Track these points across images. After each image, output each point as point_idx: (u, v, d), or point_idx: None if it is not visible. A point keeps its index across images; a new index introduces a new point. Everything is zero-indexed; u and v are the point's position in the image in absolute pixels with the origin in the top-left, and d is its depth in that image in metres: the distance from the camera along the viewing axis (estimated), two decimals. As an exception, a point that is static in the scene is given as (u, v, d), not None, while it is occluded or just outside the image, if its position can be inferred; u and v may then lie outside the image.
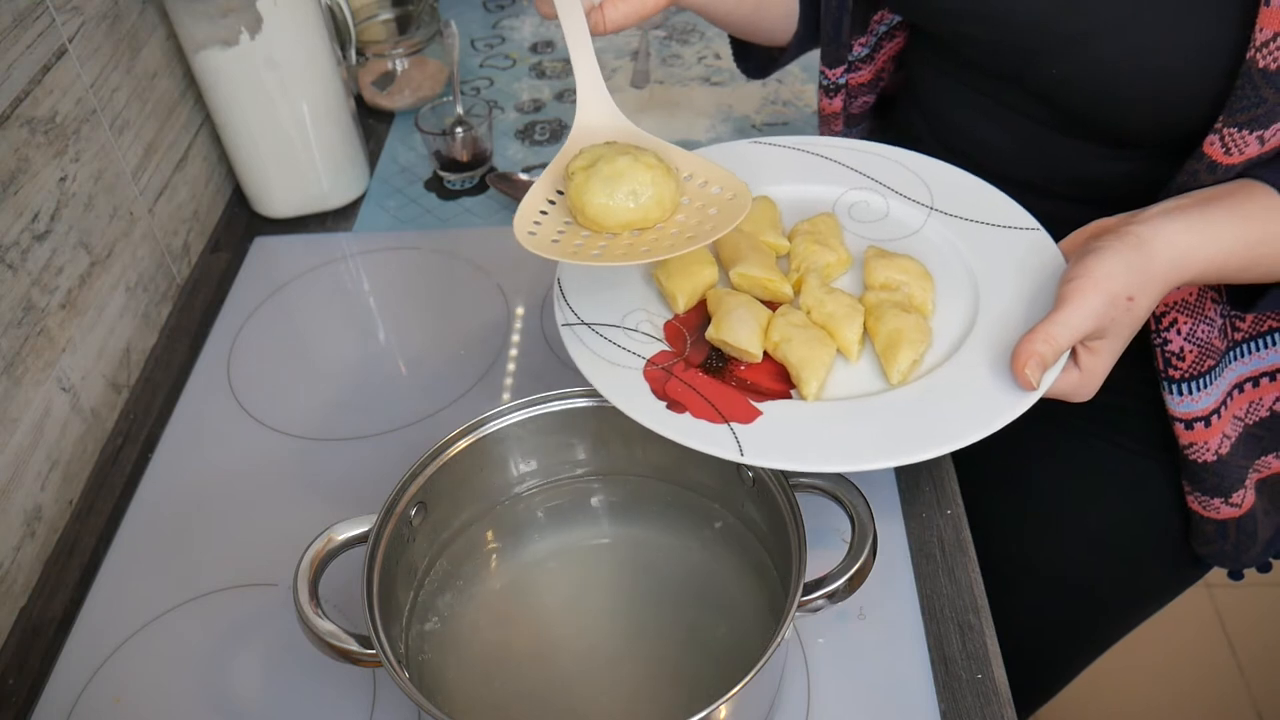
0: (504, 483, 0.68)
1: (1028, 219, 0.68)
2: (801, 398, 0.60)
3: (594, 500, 0.70)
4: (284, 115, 0.96)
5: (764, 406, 0.59)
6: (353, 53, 1.11)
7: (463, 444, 0.64)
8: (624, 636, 0.63)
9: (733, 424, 0.57)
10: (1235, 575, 0.84)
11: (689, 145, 1.08)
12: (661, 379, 0.60)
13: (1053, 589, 0.95)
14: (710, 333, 0.63)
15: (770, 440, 0.57)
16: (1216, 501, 0.75)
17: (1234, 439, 0.72)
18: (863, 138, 0.88)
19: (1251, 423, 0.73)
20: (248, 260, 0.99)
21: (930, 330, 0.63)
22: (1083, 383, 0.59)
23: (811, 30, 0.82)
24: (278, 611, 0.69)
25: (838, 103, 0.83)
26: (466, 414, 0.64)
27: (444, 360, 0.87)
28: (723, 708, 0.51)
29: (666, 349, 0.63)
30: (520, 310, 0.91)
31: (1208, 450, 0.72)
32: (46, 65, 0.78)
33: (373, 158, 1.10)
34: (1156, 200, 0.62)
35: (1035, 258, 0.65)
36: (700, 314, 0.66)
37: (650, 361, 0.62)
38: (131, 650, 0.69)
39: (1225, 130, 0.58)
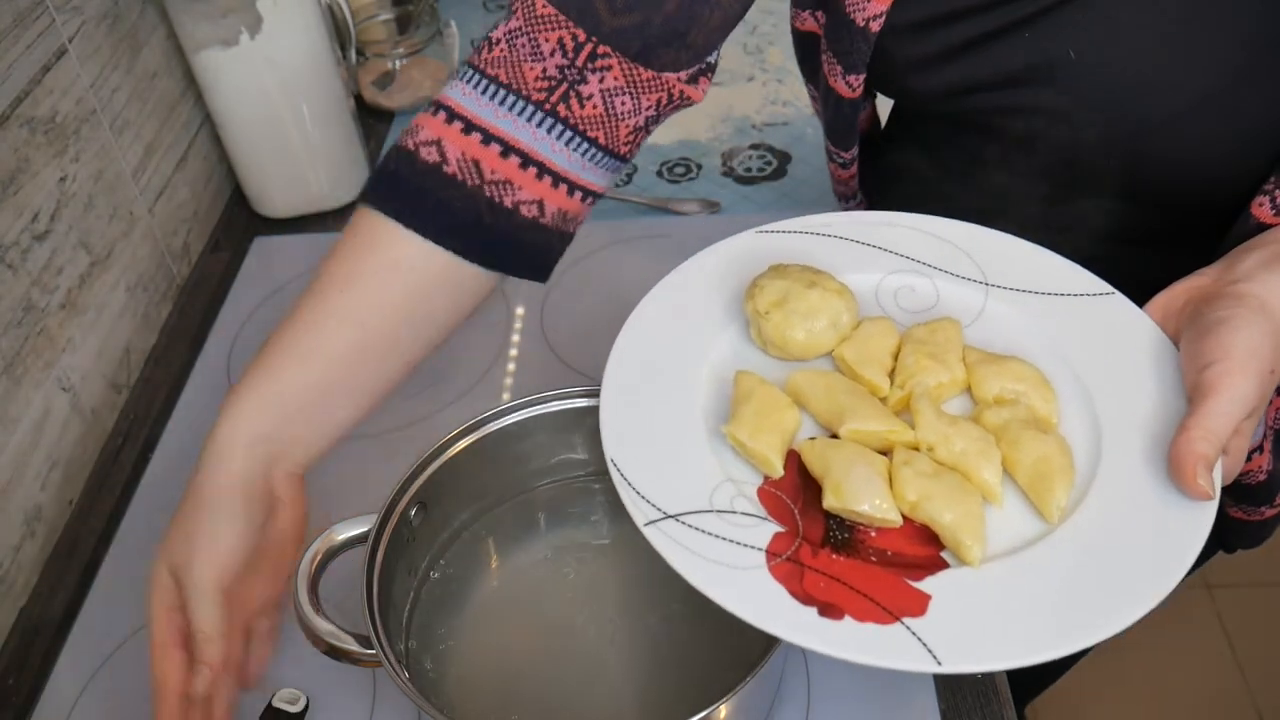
0: (504, 483, 0.68)
1: (1097, 283, 0.60)
2: (962, 563, 0.49)
3: (594, 500, 0.70)
4: (284, 115, 0.96)
5: (926, 586, 0.48)
6: (353, 53, 1.11)
7: (463, 444, 0.63)
8: (624, 636, 0.63)
9: (906, 621, 0.46)
10: (1228, 549, 0.84)
11: (689, 145, 1.10)
12: (794, 574, 0.48)
13: None
14: (831, 503, 0.51)
15: (960, 635, 0.46)
16: (1262, 508, 0.75)
17: (1272, 451, 0.72)
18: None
19: (1278, 427, 0.73)
20: (247, 260, 0.99)
21: (1070, 449, 0.52)
22: (1231, 468, 0.52)
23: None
24: (278, 611, 0.69)
25: (854, 169, 0.79)
26: (466, 414, 0.64)
27: (444, 360, 0.87)
28: (723, 708, 0.51)
29: (778, 528, 0.50)
30: (520, 310, 0.91)
31: (1260, 473, 0.71)
32: (46, 65, 0.78)
33: (373, 158, 1.10)
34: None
35: (1125, 330, 0.57)
36: (797, 472, 0.53)
37: (770, 553, 0.49)
38: (131, 650, 0.69)
39: (1277, 192, 0.55)
